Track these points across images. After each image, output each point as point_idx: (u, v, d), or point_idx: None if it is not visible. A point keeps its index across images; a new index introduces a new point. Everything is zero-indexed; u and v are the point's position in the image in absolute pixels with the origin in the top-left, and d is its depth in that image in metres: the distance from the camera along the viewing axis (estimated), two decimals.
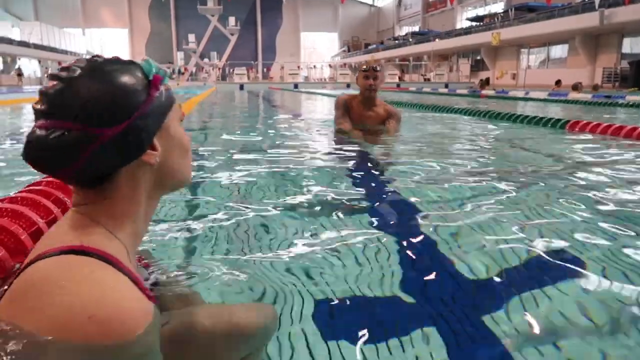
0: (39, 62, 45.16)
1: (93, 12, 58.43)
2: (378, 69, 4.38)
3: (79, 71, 0.70)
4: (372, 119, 4.50)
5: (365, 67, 4.38)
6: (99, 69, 0.72)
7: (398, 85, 29.50)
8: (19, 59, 43.49)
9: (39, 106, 0.68)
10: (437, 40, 39.57)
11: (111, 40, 59.91)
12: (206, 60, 58.32)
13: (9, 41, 40.49)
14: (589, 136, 4.36)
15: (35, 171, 0.69)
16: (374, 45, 55.99)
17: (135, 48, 61.08)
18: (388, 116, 4.48)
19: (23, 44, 42.29)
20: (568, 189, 2.41)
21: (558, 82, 18.63)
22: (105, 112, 0.68)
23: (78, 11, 56.65)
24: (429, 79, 38.73)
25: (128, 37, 60.96)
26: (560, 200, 2.17)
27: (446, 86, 26.60)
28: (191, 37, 59.18)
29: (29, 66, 44.78)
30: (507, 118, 5.68)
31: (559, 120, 4.97)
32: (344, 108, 4.60)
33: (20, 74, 41.36)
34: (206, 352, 0.79)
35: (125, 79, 0.72)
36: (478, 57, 38.38)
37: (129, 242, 0.74)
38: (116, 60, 0.76)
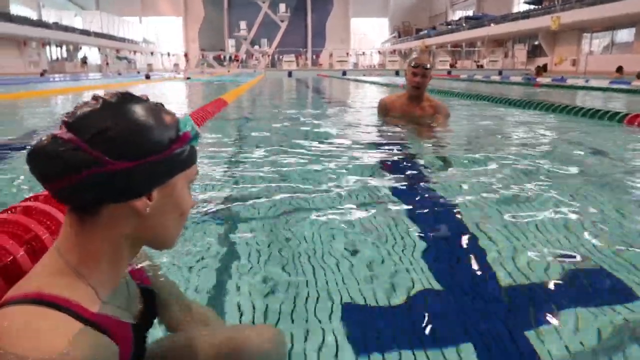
0: (99, 49, 47.12)
1: (150, 0, 60.21)
2: (428, 66, 4.23)
3: (116, 99, 0.72)
4: (421, 117, 4.39)
5: (414, 63, 4.24)
6: (137, 105, 0.72)
7: (449, 73, 28.71)
8: (81, 47, 45.56)
9: (66, 117, 0.70)
10: (492, 25, 38.11)
11: (166, 28, 61.61)
12: (256, 47, 58.95)
13: (72, 30, 42.50)
14: None
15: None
16: (426, 31, 54.62)
17: (188, 35, 62.56)
18: (435, 112, 4.36)
19: (85, 32, 44.26)
20: (619, 194, 2.25)
21: (619, 69, 17.42)
22: (121, 145, 0.68)
23: (136, 0, 58.48)
24: (482, 66, 37.44)
25: (182, 24, 62.46)
26: (612, 207, 2.04)
27: (500, 73, 25.61)
28: (242, 24, 59.89)
29: (89, 54, 46.81)
30: (559, 110, 5.40)
31: (616, 113, 4.66)
32: (384, 110, 4.59)
33: (85, 61, 43.46)
34: None
35: (155, 122, 0.72)
36: (536, 42, 36.69)
37: (100, 284, 0.74)
38: (157, 105, 0.76)
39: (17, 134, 4.70)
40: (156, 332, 0.95)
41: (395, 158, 3.15)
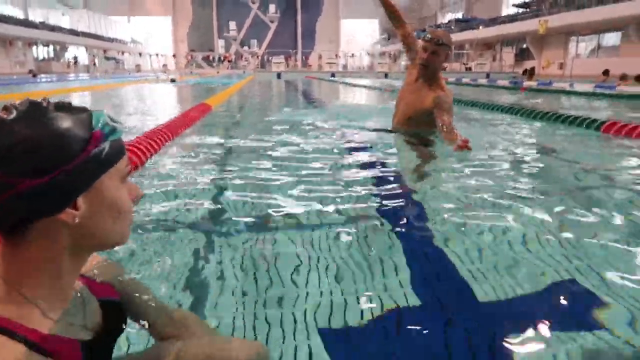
0: (86, 49, 46.73)
1: (138, 0, 59.81)
2: (440, 42, 3.73)
3: (14, 114, 0.66)
4: (414, 101, 3.91)
5: (428, 36, 3.76)
6: (37, 115, 0.67)
7: None
8: (68, 47, 45.17)
9: None
10: (480, 27, 38.37)
11: (154, 28, 61.26)
12: (246, 47, 58.83)
13: (59, 29, 42.09)
14: (626, 141, 4.05)
15: None
16: (415, 33, 54.81)
17: (177, 35, 62.28)
18: (433, 104, 3.76)
19: (72, 32, 43.86)
20: (591, 206, 2.23)
21: (606, 72, 17.57)
22: (28, 162, 0.63)
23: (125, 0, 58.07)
24: (470, 68, 37.70)
25: (171, 24, 62.17)
26: (586, 217, 2.02)
27: (487, 76, 25.78)
28: (232, 25, 59.75)
29: (77, 53, 46.43)
30: (539, 117, 5.41)
31: (594, 120, 4.66)
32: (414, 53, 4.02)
33: (76, 61, 43.26)
34: None
35: (61, 130, 0.66)
36: (524, 45, 37.01)
37: (46, 302, 0.71)
38: (63, 106, 0.69)
39: None
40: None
41: (381, 171, 3.10)
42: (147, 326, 0.96)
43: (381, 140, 4.22)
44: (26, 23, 38.17)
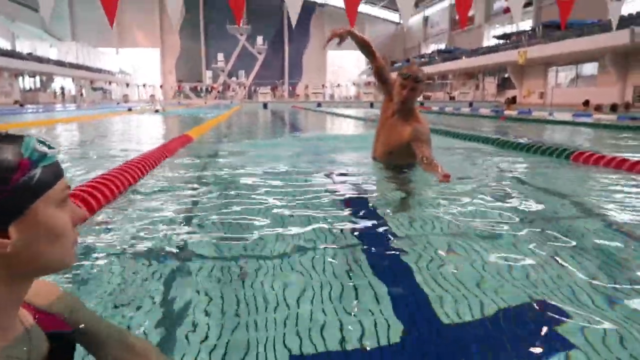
0: (73, 80, 46.81)
1: (127, 32, 60.40)
2: (419, 79, 3.78)
3: None
4: (392, 135, 3.96)
5: (405, 73, 3.77)
6: None
7: (421, 104, 29.31)
8: (54, 78, 45.24)
9: None
10: (463, 58, 39.29)
11: (143, 59, 61.72)
12: (234, 78, 59.37)
13: (47, 60, 42.21)
14: (596, 171, 4.15)
15: None
16: (400, 63, 55.95)
17: (166, 66, 62.74)
18: (411, 137, 3.79)
19: (59, 63, 43.98)
20: (562, 232, 2.28)
21: (586, 103, 18.06)
22: None
23: (113, 32, 58.57)
24: (453, 98, 38.40)
25: (159, 56, 62.70)
26: (555, 247, 2.06)
27: (470, 105, 26.27)
28: (220, 56, 60.38)
29: (64, 84, 46.49)
30: (513, 147, 5.53)
31: (564, 150, 4.78)
32: (390, 86, 4.05)
33: (63, 92, 43.38)
34: None
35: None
36: (505, 75, 37.89)
37: None
38: None
39: None
40: None
41: (359, 199, 3.13)
42: (103, 357, 0.93)
43: (361, 168, 4.29)
44: (13, 54, 38.24)
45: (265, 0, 56.67)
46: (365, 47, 4.22)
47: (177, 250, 2.07)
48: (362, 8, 63.86)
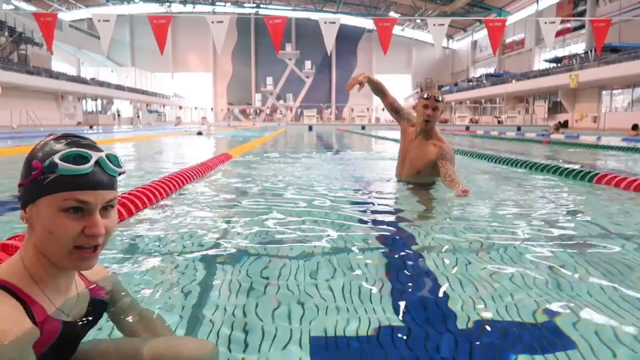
0: (130, 103, 49.52)
1: (182, 58, 63.48)
2: (439, 99, 4.09)
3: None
4: (420, 156, 4.22)
5: (427, 94, 4.11)
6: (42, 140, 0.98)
7: (467, 128, 29.00)
8: (113, 101, 48.10)
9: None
10: (512, 81, 38.68)
11: (196, 83, 64.51)
12: (281, 101, 60.90)
13: (108, 84, 45.02)
14: (616, 192, 4.12)
15: None
16: (448, 87, 55.67)
17: (217, 90, 65.23)
18: (438, 156, 4.05)
19: (119, 87, 46.77)
20: (584, 250, 2.32)
21: (635, 127, 17.22)
22: (24, 170, 0.95)
23: (169, 57, 61.71)
24: (501, 122, 37.71)
25: (212, 80, 65.33)
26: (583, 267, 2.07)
27: (518, 129, 25.77)
28: (269, 80, 62.38)
29: (122, 107, 49.28)
30: (541, 169, 5.55)
31: (588, 172, 4.76)
32: (405, 113, 4.46)
33: (119, 114, 46.12)
34: None
35: (33, 154, 0.95)
36: (557, 99, 36.93)
37: (39, 275, 0.96)
38: (51, 140, 0.97)
39: None
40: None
41: (387, 213, 3.34)
42: (121, 325, 1.19)
43: (389, 185, 4.59)
44: (77, 79, 41.02)
45: (314, 25, 58.07)
46: (378, 88, 4.59)
47: (212, 249, 2.30)
48: (410, 33, 64.35)
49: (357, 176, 5.30)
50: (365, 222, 2.99)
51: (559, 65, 36.21)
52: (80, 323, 1.04)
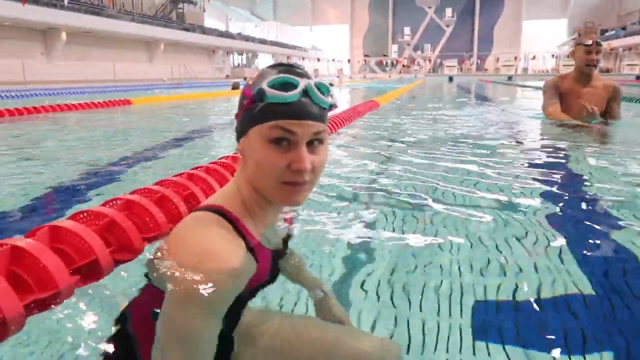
0: (272, 56, 51.75)
1: (320, 11, 64.13)
2: (602, 44, 4.32)
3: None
4: (590, 96, 4.31)
5: (588, 41, 4.26)
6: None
7: (638, 78, 25.19)
8: (258, 54, 50.61)
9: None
10: None
11: (333, 35, 65.00)
12: (419, 52, 58.75)
13: (252, 39, 47.48)
14: None
15: None
16: (613, 32, 48.55)
17: (353, 42, 65.07)
18: (608, 94, 4.33)
19: (262, 41, 49.06)
20: None
21: None
22: (239, 100, 0.94)
23: (308, 11, 62.77)
24: None
25: (349, 32, 65.22)
26: None
27: None
28: (406, 30, 60.30)
29: (264, 60, 51.74)
30: None
31: None
32: (554, 89, 4.53)
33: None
34: None
35: (256, 79, 0.91)
36: None
37: (252, 208, 0.95)
38: (282, 67, 0.93)
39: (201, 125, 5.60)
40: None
41: (549, 164, 3.10)
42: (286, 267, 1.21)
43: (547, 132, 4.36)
44: (226, 34, 43.83)
45: None
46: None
47: (364, 203, 2.33)
48: None
49: (509, 125, 4.94)
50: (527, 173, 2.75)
51: None
52: (279, 256, 1.05)
